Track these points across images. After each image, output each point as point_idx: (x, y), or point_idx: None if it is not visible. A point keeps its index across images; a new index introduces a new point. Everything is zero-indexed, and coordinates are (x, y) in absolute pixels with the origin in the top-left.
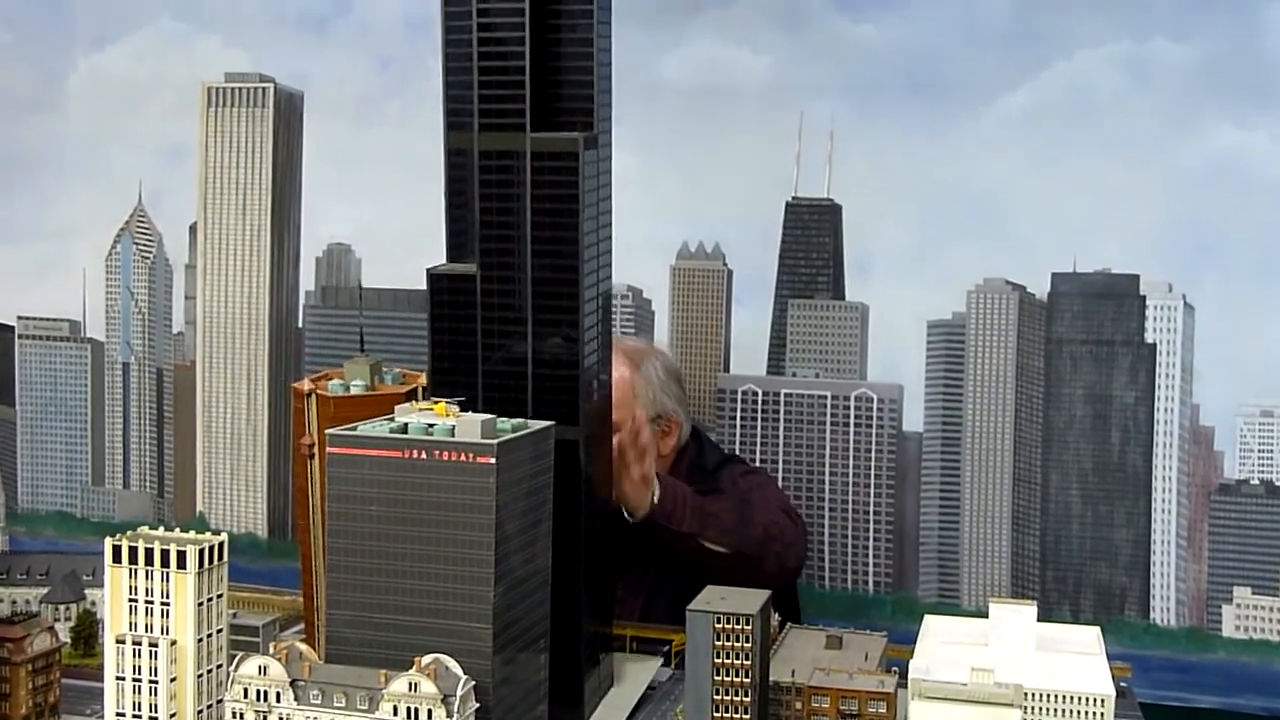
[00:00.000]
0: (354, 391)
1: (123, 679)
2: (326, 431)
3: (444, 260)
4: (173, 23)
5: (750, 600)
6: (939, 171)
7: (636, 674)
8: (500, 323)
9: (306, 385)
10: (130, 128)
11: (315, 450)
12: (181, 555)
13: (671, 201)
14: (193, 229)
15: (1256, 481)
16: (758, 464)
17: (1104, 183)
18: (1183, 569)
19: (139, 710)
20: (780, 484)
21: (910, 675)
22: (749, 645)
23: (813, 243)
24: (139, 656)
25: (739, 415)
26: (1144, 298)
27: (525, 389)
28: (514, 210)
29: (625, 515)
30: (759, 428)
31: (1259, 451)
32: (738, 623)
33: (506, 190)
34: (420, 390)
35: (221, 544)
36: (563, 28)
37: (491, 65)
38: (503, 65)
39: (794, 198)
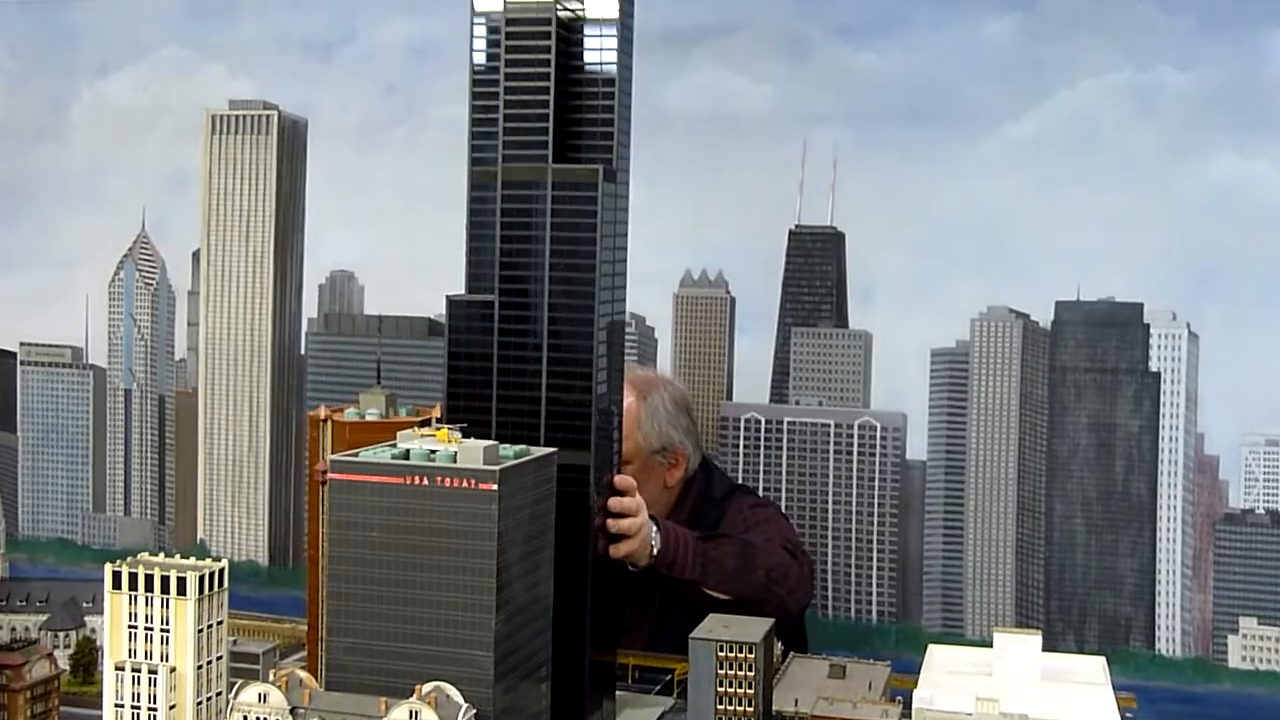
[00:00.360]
0: (370, 419)
1: (121, 706)
2: (329, 457)
3: (449, 287)
4: (177, 50)
5: (754, 628)
6: (942, 200)
7: (641, 715)
8: (516, 348)
9: (323, 412)
10: (134, 155)
11: (328, 477)
12: (182, 581)
13: (674, 230)
14: (196, 255)
15: (1262, 511)
16: (761, 493)
17: (1107, 211)
18: (1188, 599)
19: None
20: (784, 511)
21: (914, 705)
22: (752, 674)
23: (816, 271)
24: (138, 684)
25: (742, 443)
26: (1148, 326)
27: (539, 414)
28: (534, 239)
29: (628, 566)
30: (762, 456)
31: (1264, 481)
32: (741, 651)
33: (526, 219)
34: (434, 419)
35: (222, 570)
36: (585, 63)
37: (517, 100)
38: (528, 100)
39: (797, 226)
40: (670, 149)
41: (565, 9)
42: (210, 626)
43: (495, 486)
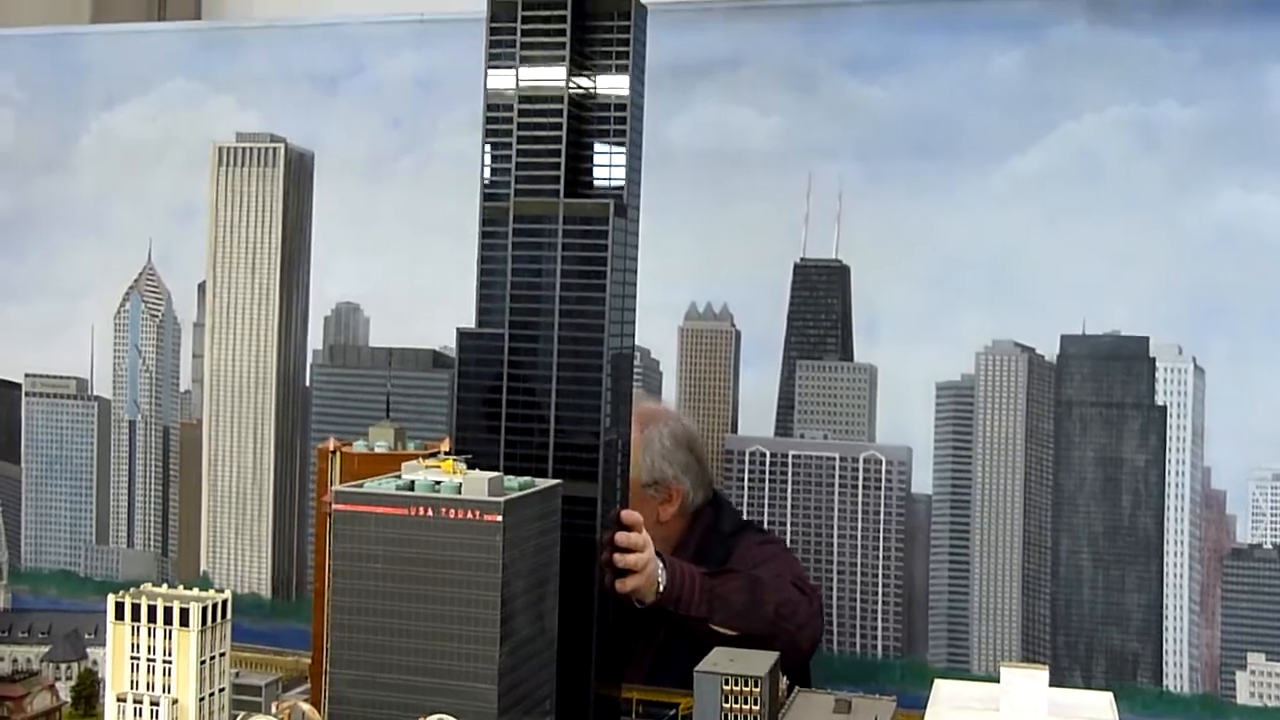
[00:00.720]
0: (379, 451)
1: None
2: (332, 489)
3: (454, 319)
4: (185, 83)
5: (759, 662)
6: (947, 233)
7: None
8: (525, 380)
9: (332, 444)
10: (141, 187)
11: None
12: (184, 613)
13: (680, 263)
14: (201, 287)
15: (1269, 546)
16: (766, 526)
17: (1113, 245)
18: (1195, 635)
19: None
20: (789, 544)
21: None
22: (757, 708)
23: (821, 304)
24: (140, 715)
25: (747, 477)
26: (1154, 360)
27: (547, 446)
28: (544, 273)
29: (634, 602)
30: (767, 489)
31: (1271, 515)
32: (746, 684)
33: (537, 253)
34: (442, 452)
35: (225, 602)
36: (598, 98)
37: (530, 135)
38: (541, 135)
39: (802, 259)
40: (676, 182)
41: (576, 87)
42: (213, 658)
43: (500, 518)
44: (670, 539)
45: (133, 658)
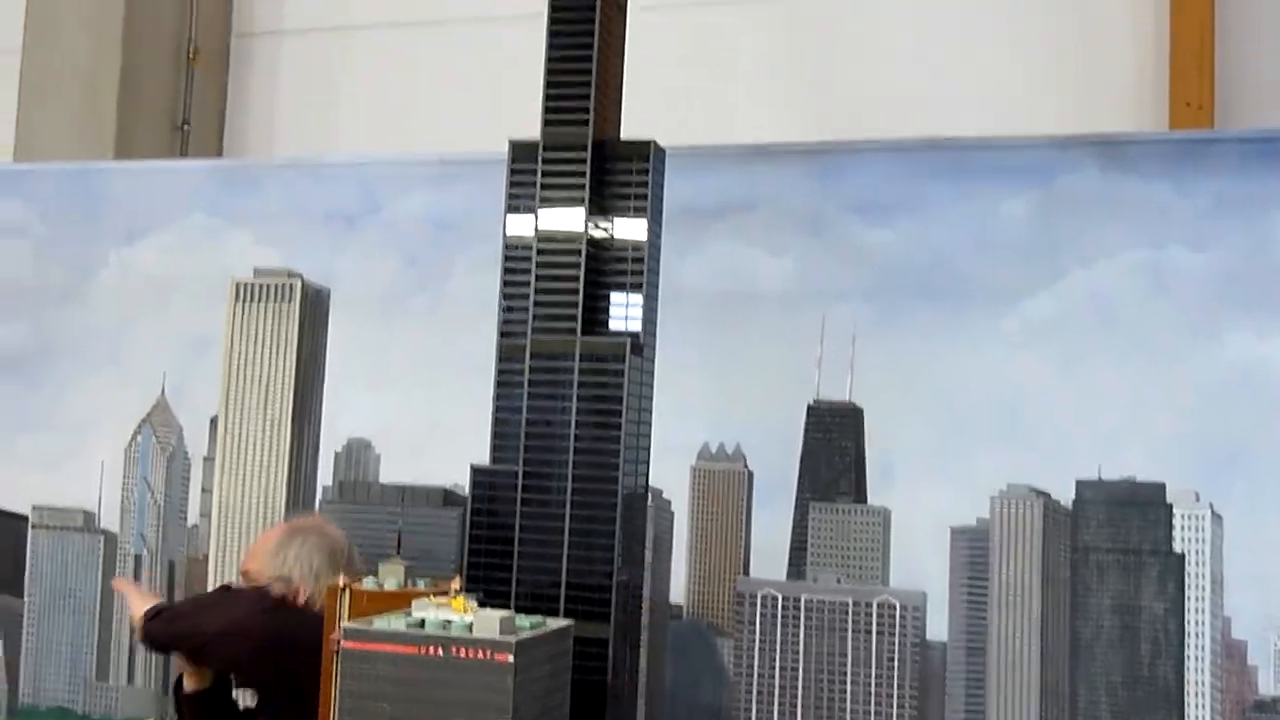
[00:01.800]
0: (388, 589)
1: None
2: (341, 626)
3: (464, 456)
4: (205, 219)
5: None
6: (960, 377)
7: None
8: (538, 518)
9: (341, 581)
10: (157, 320)
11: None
12: None
13: (692, 403)
14: (213, 421)
15: None
16: (779, 671)
17: (1127, 390)
18: None
19: None
20: (800, 691)
21: None
22: None
23: (834, 446)
24: None
25: (758, 620)
26: (1170, 506)
27: (559, 585)
28: (559, 410)
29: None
30: (779, 633)
31: None
32: None
33: (553, 390)
34: (453, 590)
35: None
36: (616, 240)
37: (548, 275)
38: (559, 275)
39: (815, 401)
40: (690, 321)
41: (595, 227)
42: None
43: (511, 658)
44: None
45: None
